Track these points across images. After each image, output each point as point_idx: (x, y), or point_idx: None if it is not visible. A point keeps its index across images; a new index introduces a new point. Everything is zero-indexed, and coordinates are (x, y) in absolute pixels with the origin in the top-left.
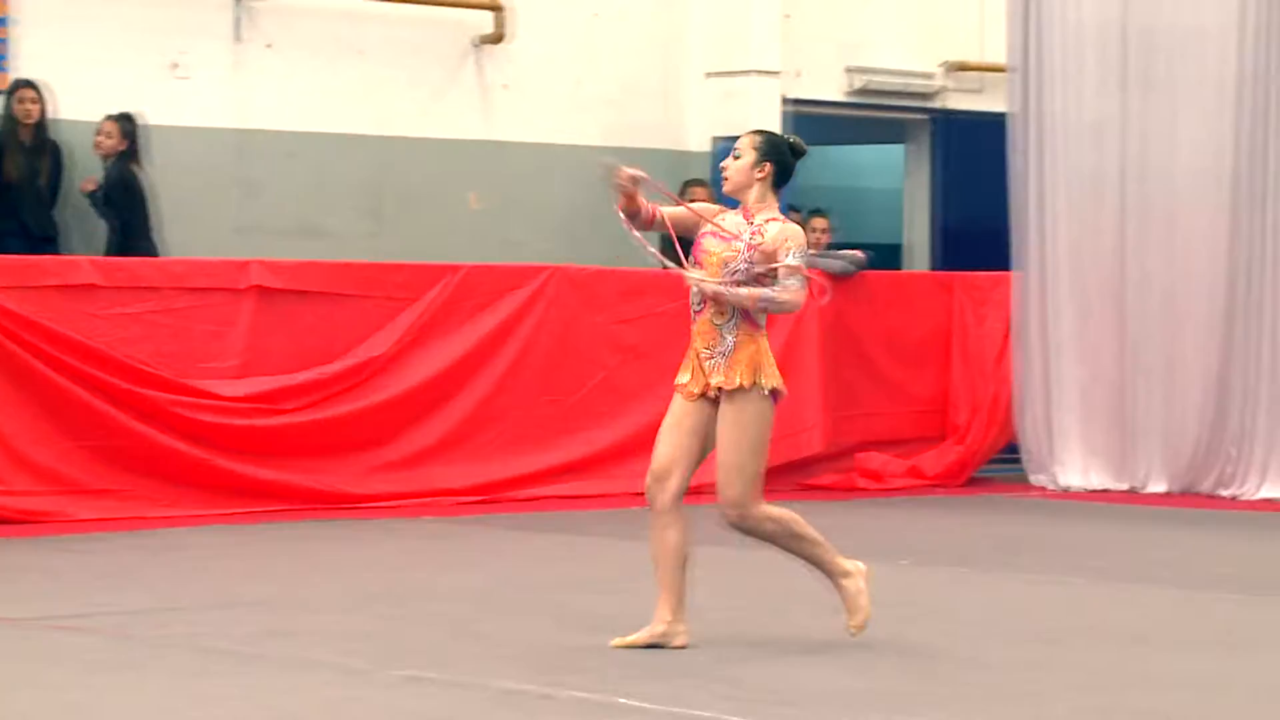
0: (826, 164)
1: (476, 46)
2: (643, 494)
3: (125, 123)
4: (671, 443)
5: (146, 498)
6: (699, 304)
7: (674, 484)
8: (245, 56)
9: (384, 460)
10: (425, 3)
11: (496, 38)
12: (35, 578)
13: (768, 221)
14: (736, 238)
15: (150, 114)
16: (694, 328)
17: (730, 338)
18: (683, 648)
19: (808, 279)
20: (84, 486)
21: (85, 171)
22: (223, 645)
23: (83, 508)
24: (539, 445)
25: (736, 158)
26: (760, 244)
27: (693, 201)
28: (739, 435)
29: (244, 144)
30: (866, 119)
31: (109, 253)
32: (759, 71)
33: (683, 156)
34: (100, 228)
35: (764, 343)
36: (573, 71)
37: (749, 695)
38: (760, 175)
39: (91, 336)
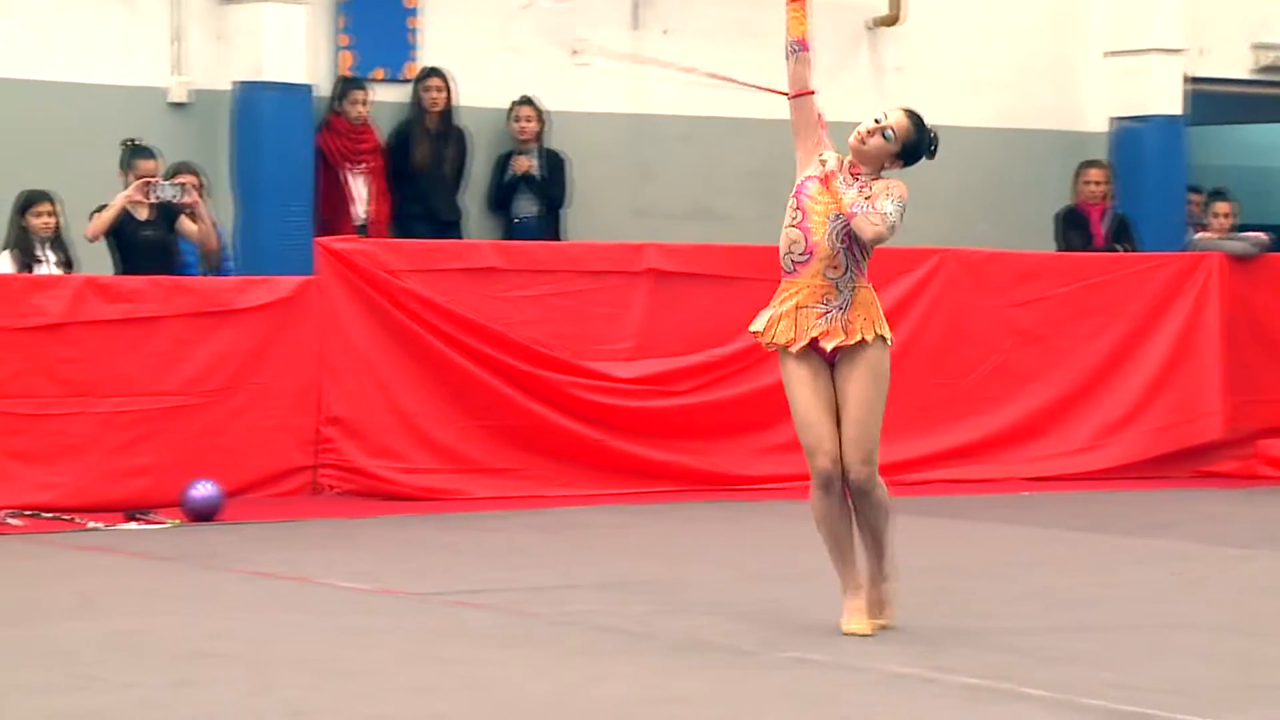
0: (1230, 144)
1: (870, 29)
2: (1033, 479)
3: (534, 104)
4: (820, 419)
5: (542, 477)
6: (804, 255)
7: (831, 456)
8: (643, 43)
9: (773, 442)
10: None
11: (891, 20)
12: (436, 554)
13: (874, 180)
14: (833, 177)
15: (550, 100)
16: (797, 281)
17: (847, 291)
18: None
19: (895, 226)
20: (482, 465)
21: (488, 158)
22: (615, 624)
23: (481, 486)
24: (929, 429)
25: (885, 138)
26: (870, 195)
27: None
28: (874, 392)
29: (640, 129)
30: (1272, 96)
31: (531, 235)
32: (1161, 50)
33: (1079, 138)
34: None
35: (874, 294)
36: (967, 53)
37: (1138, 685)
38: (889, 165)
39: (492, 319)
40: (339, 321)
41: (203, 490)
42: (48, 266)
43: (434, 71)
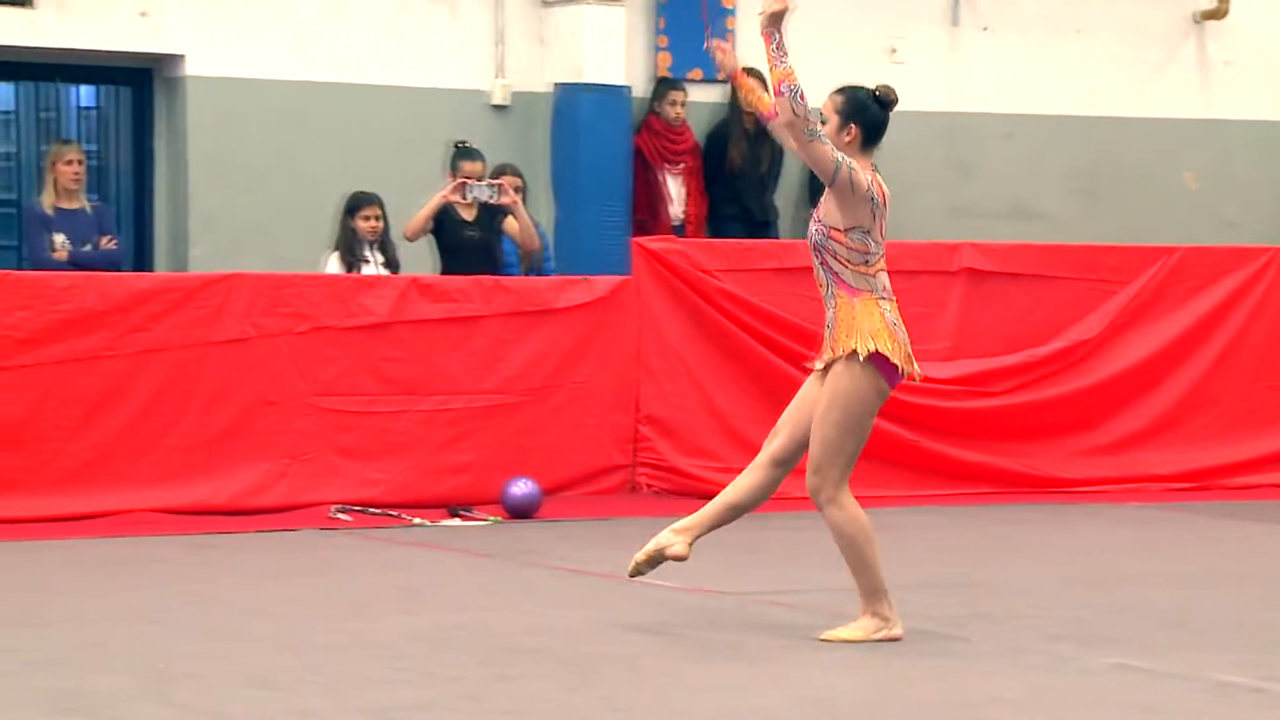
0: None
1: (1197, 23)
2: None
3: None
4: (793, 407)
5: (856, 477)
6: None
7: (778, 445)
8: (961, 40)
9: (1091, 444)
10: None
11: (1219, 13)
12: (748, 553)
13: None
14: None
15: None
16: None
17: (832, 308)
18: (681, 558)
19: (805, 122)
20: (798, 465)
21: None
22: (928, 625)
23: (794, 486)
24: (1255, 431)
25: (823, 123)
26: None
27: None
28: (829, 405)
29: (958, 127)
30: None
31: None
32: None
33: None
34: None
35: (869, 308)
36: None
37: None
38: (848, 139)
39: (806, 318)
40: (655, 321)
41: (522, 488)
42: (373, 267)
43: (751, 72)
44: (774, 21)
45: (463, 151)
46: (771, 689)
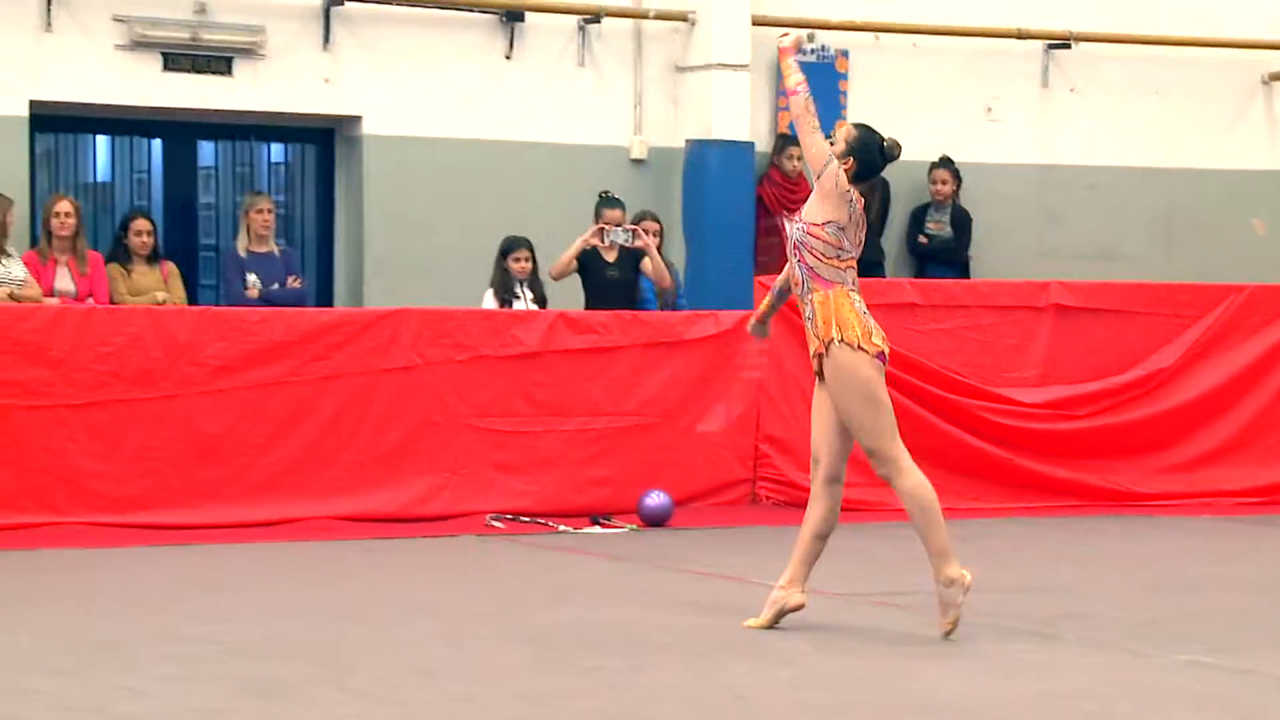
0: None
1: (1265, 83)
2: None
3: (952, 166)
4: (815, 428)
5: (954, 491)
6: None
7: (822, 468)
8: (1051, 100)
9: (1168, 462)
10: (1218, 45)
11: None
12: (857, 559)
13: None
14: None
15: (965, 153)
16: None
17: (807, 306)
18: (800, 607)
19: (813, 117)
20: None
21: (903, 207)
22: (1021, 625)
23: (897, 498)
24: None
25: (831, 141)
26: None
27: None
28: (847, 400)
29: (1047, 178)
30: None
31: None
32: None
33: None
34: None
35: (841, 298)
36: None
37: None
38: (845, 167)
39: (910, 349)
40: (774, 350)
41: (656, 499)
42: (524, 303)
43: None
44: (795, 48)
45: (606, 200)
46: (878, 683)
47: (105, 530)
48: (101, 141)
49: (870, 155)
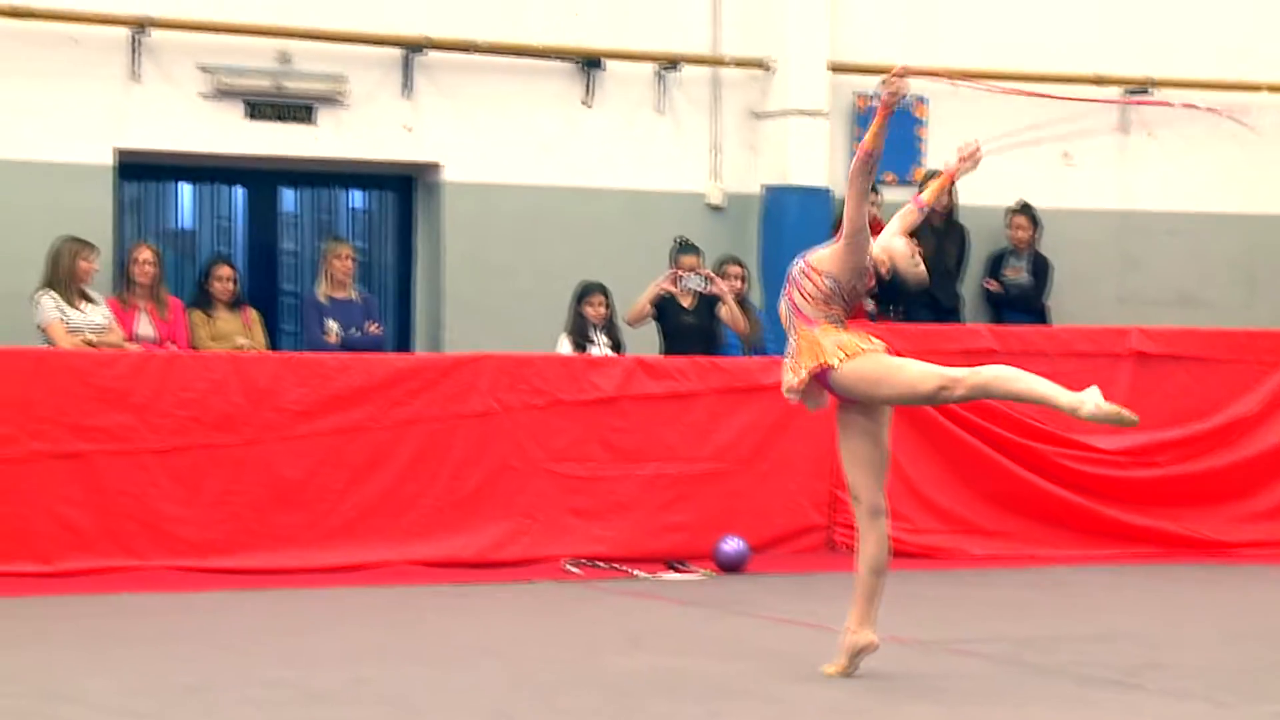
0: None
1: None
2: None
3: (1031, 212)
4: (846, 466)
5: (1033, 539)
6: None
7: (864, 503)
8: (1129, 145)
9: (1250, 510)
10: None
11: None
12: (934, 606)
13: None
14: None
15: (1044, 199)
16: None
17: (791, 340)
18: (873, 646)
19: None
20: (979, 527)
21: (981, 252)
22: (1102, 674)
23: (977, 545)
24: None
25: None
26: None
27: None
28: (875, 392)
29: (1127, 223)
30: None
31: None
32: None
33: None
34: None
35: (819, 331)
36: None
37: None
38: (881, 268)
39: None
40: None
41: (732, 545)
42: (599, 348)
43: (935, 174)
44: (896, 102)
45: (683, 247)
46: None
47: (186, 574)
48: (186, 189)
49: (890, 283)
